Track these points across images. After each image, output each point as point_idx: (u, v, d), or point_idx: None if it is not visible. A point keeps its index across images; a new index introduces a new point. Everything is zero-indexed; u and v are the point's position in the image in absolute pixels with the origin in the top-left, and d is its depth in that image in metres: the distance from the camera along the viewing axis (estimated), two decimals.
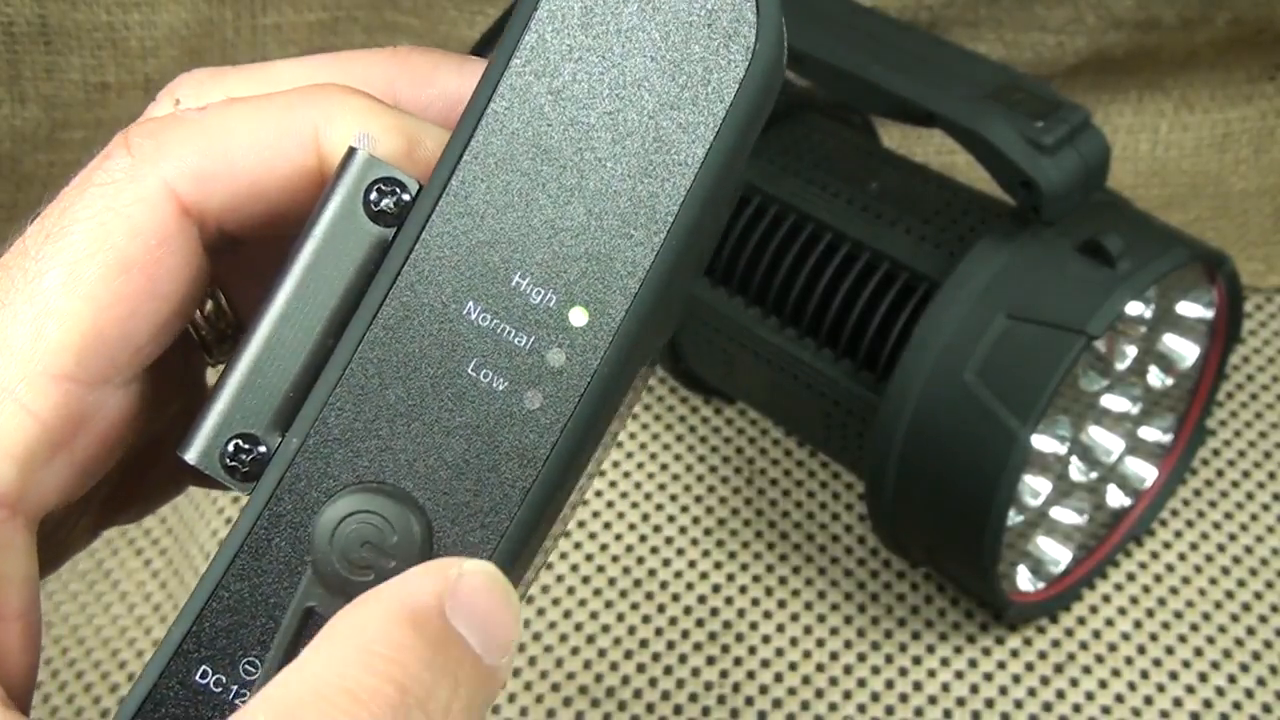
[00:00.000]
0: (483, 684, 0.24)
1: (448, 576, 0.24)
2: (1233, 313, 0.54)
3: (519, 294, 0.25)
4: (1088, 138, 0.48)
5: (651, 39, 0.25)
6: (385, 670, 0.22)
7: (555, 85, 0.25)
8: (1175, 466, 0.57)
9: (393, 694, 0.22)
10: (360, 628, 0.23)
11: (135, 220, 0.25)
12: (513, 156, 0.25)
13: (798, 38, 0.52)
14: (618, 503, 0.60)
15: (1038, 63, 0.69)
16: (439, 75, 0.28)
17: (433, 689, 0.22)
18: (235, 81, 0.27)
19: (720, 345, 0.57)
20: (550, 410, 0.25)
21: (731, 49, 0.25)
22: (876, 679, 0.54)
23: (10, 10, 0.59)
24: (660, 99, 0.25)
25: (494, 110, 0.25)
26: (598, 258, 0.25)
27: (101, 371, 0.25)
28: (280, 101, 0.26)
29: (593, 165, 0.25)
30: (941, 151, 0.70)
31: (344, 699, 0.22)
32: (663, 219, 0.25)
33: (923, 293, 0.51)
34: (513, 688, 0.54)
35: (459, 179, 0.25)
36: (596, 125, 0.25)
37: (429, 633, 0.23)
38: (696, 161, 0.25)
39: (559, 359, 0.25)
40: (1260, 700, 0.52)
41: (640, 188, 0.25)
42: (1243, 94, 0.71)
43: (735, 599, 0.56)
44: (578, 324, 0.25)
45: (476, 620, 0.24)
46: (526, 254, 0.25)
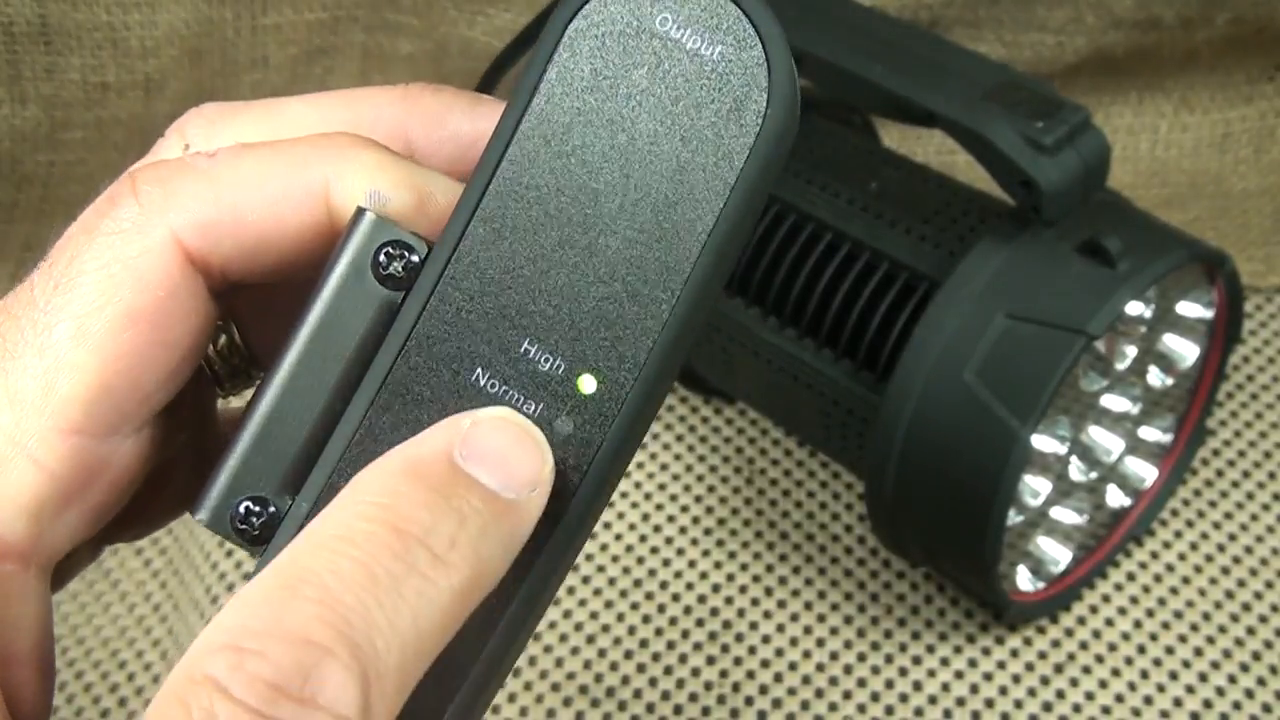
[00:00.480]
0: (501, 516, 0.23)
1: (459, 427, 0.24)
2: (1233, 313, 0.54)
3: (527, 360, 0.25)
4: (1088, 138, 0.48)
5: (662, 103, 0.25)
6: (378, 515, 0.22)
7: (565, 149, 0.25)
8: (1175, 466, 0.57)
9: (385, 534, 0.22)
10: (361, 486, 0.23)
11: (143, 272, 0.25)
12: (521, 221, 0.25)
13: (798, 38, 0.52)
14: (618, 503, 0.60)
15: (1038, 63, 0.69)
16: (451, 118, 0.28)
17: (433, 526, 0.22)
18: (245, 121, 0.27)
19: (720, 345, 0.57)
20: (559, 479, 0.25)
21: (744, 114, 0.25)
22: (876, 679, 0.54)
23: (10, 10, 0.59)
24: (671, 164, 0.25)
25: (503, 173, 0.25)
26: (607, 324, 0.25)
27: (111, 423, 0.25)
28: (291, 153, 0.26)
29: (603, 230, 0.25)
30: (941, 151, 0.70)
31: (337, 544, 0.22)
32: (674, 285, 0.25)
33: (923, 293, 0.51)
34: (513, 687, 0.54)
35: (467, 244, 0.25)
36: (606, 190, 0.25)
37: (430, 477, 0.23)
38: (707, 227, 0.25)
39: (567, 427, 0.25)
40: (1260, 700, 0.52)
41: (651, 253, 0.25)
42: (1243, 94, 0.71)
43: (735, 599, 0.56)
44: (587, 391, 0.25)
45: (490, 460, 0.24)
46: (535, 320, 0.25)
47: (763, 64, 0.25)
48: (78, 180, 0.65)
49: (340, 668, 0.20)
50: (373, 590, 0.21)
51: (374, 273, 0.25)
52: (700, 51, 0.25)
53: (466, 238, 0.25)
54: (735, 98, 0.25)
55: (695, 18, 0.25)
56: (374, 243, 0.25)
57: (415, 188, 0.26)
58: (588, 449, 0.25)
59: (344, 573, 0.21)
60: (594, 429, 0.25)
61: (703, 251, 0.25)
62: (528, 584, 0.25)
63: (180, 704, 0.20)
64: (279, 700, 0.20)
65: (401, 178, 0.26)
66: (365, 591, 0.21)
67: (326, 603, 0.21)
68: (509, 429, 0.24)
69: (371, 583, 0.21)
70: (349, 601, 0.21)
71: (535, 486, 0.24)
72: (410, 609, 0.21)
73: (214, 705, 0.20)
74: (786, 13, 0.56)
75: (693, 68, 0.25)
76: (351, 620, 0.21)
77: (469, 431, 0.24)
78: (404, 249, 0.25)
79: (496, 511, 0.23)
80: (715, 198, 0.25)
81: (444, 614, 0.22)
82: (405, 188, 0.26)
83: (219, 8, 0.62)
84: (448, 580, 0.22)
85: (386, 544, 0.22)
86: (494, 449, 0.24)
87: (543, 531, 0.25)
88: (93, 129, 0.63)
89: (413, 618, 0.21)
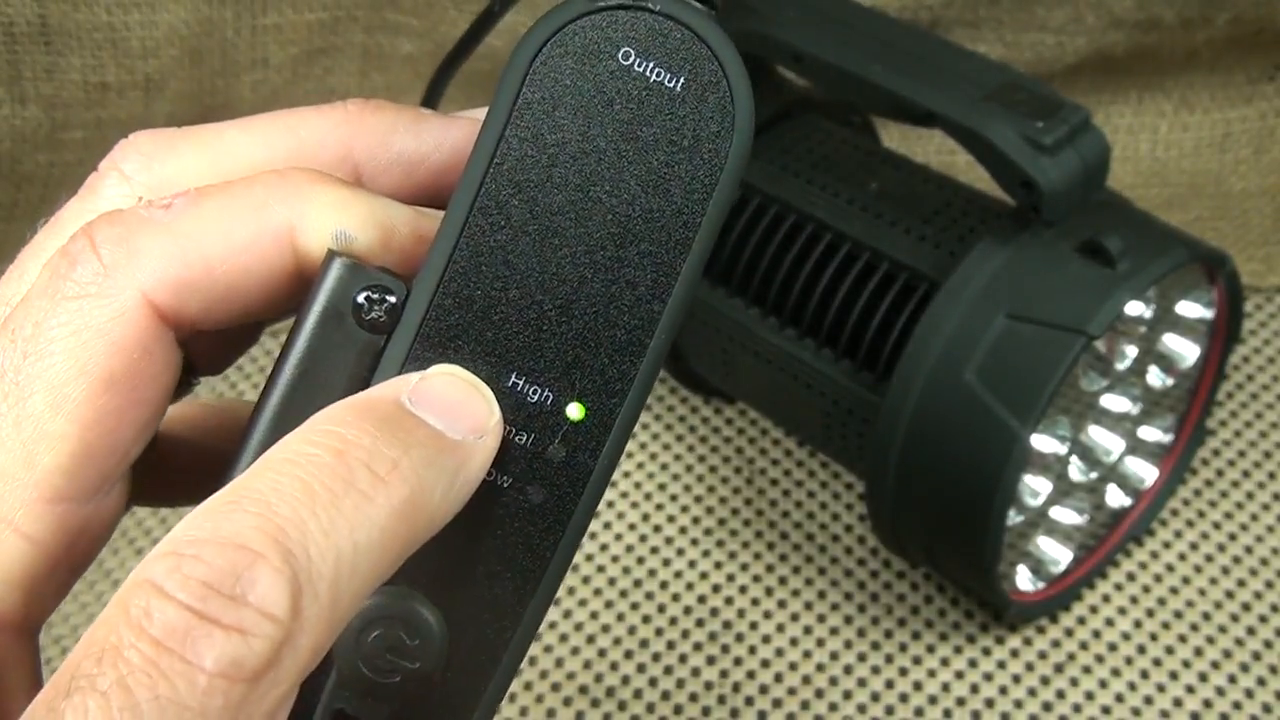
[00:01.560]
0: (446, 452, 0.24)
1: (409, 379, 0.25)
2: (1233, 313, 0.54)
3: (516, 393, 0.25)
4: (1088, 138, 0.48)
5: (630, 135, 0.25)
6: (323, 440, 0.23)
7: (537, 185, 0.25)
8: (1175, 466, 0.57)
9: (328, 457, 0.22)
10: (312, 421, 0.24)
11: (116, 337, 0.25)
12: (499, 257, 0.25)
13: (798, 38, 0.52)
14: (618, 503, 0.60)
15: (1038, 63, 0.69)
16: (395, 138, 0.28)
17: (376, 450, 0.23)
18: (184, 154, 0.27)
19: (720, 345, 0.57)
20: (554, 504, 0.26)
21: (711, 142, 0.25)
22: (876, 679, 0.54)
23: (10, 10, 0.59)
24: (643, 194, 0.25)
25: (479, 210, 0.25)
26: (592, 352, 0.26)
27: (93, 485, 0.25)
28: (249, 196, 0.26)
29: (579, 262, 0.25)
30: (941, 151, 0.70)
31: (282, 464, 0.22)
32: (654, 310, 0.25)
33: (923, 293, 0.51)
34: (513, 687, 0.54)
35: (448, 283, 0.25)
36: (580, 223, 0.25)
37: (378, 413, 0.24)
38: (683, 252, 0.25)
39: (560, 454, 0.26)
40: (1260, 700, 0.53)
41: (629, 281, 0.25)
42: (1243, 94, 0.71)
43: (735, 599, 0.56)
44: (575, 418, 0.26)
45: (438, 406, 0.24)
46: (520, 353, 0.25)
47: (726, 93, 0.25)
48: (78, 180, 0.64)
49: (271, 570, 0.21)
50: (310, 504, 0.22)
51: (355, 318, 0.25)
52: (664, 84, 0.25)
53: (446, 278, 0.25)
54: (702, 128, 0.25)
55: (657, 50, 0.25)
56: (351, 289, 0.25)
57: (380, 224, 0.26)
58: (581, 471, 0.26)
59: (284, 489, 0.22)
60: (585, 453, 0.26)
61: (680, 277, 0.25)
62: (538, 594, 0.26)
63: (120, 605, 0.21)
64: (210, 597, 0.21)
65: (365, 214, 0.26)
66: (302, 505, 0.22)
67: (264, 514, 0.21)
68: (457, 382, 0.25)
69: (309, 497, 0.22)
70: (285, 513, 0.22)
71: (482, 434, 0.25)
72: (348, 522, 0.22)
73: (150, 603, 0.21)
74: (787, 13, 0.57)
75: (657, 100, 0.25)
76: (286, 529, 0.21)
77: (419, 383, 0.25)
78: (383, 292, 0.25)
79: (441, 447, 0.24)
80: (689, 224, 0.25)
81: (382, 531, 0.22)
82: (370, 225, 0.26)
83: (219, 8, 0.62)
84: (386, 499, 0.23)
85: (328, 464, 0.22)
86: (441, 396, 0.25)
87: (547, 545, 0.26)
88: (93, 129, 0.63)
89: (349, 530, 0.22)
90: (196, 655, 0.20)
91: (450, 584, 0.26)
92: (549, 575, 0.26)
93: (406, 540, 0.23)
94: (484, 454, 0.25)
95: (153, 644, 0.20)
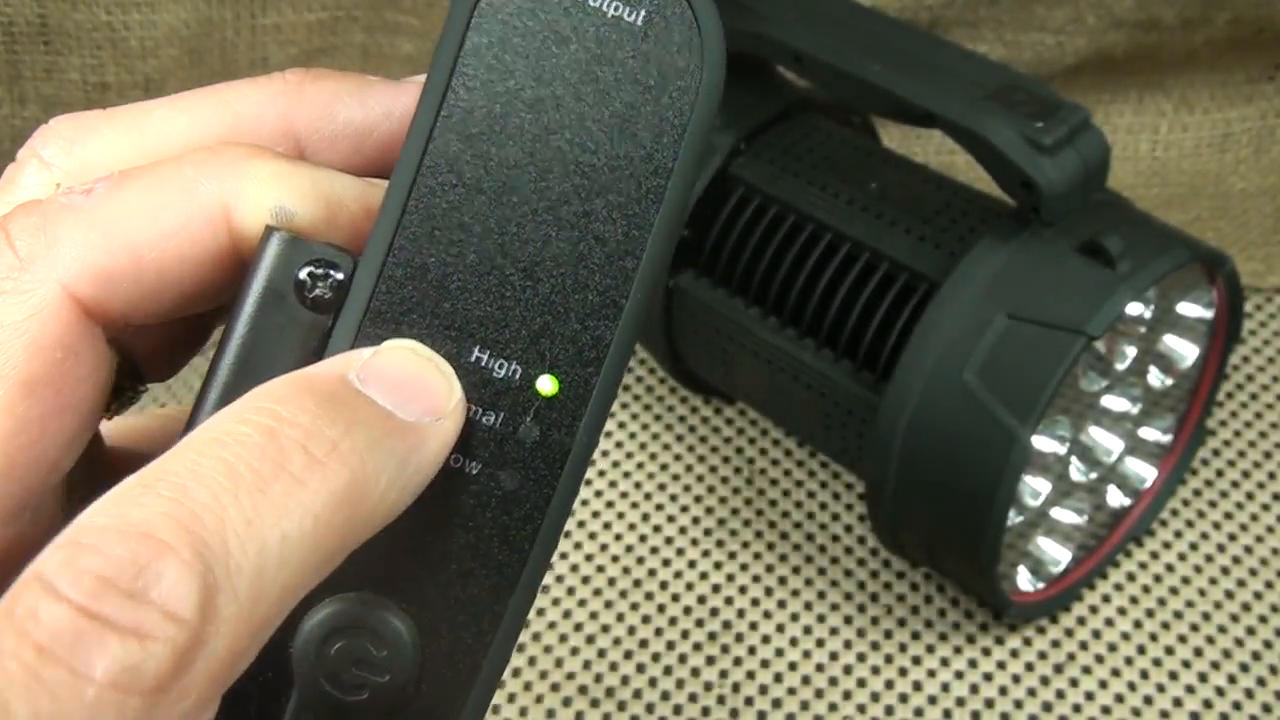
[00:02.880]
0: (394, 434, 0.22)
1: (360, 354, 0.23)
2: (1233, 313, 0.54)
3: (480, 369, 0.23)
4: (1088, 138, 0.48)
5: (590, 76, 0.23)
6: (255, 419, 0.20)
7: (491, 137, 0.23)
8: (1175, 466, 0.57)
9: (258, 436, 0.20)
10: (245, 397, 0.21)
11: (35, 336, 0.22)
12: (453, 220, 0.23)
13: (798, 38, 0.52)
14: (618, 503, 0.60)
15: (1038, 63, 0.69)
16: (340, 108, 0.25)
17: (314, 429, 0.20)
18: (108, 136, 0.25)
19: (720, 345, 0.57)
20: (530, 488, 0.23)
21: (678, 80, 0.23)
22: (876, 679, 0.54)
23: (10, 10, 0.59)
24: (607, 140, 0.23)
25: (426, 172, 0.23)
26: (560, 318, 0.23)
27: (21, 503, 0.23)
28: (177, 176, 0.23)
29: (542, 220, 0.23)
30: (941, 151, 0.70)
31: (205, 445, 0.20)
32: (627, 268, 0.23)
33: (923, 293, 0.51)
34: (513, 687, 0.54)
35: (397, 253, 0.23)
36: (541, 176, 0.23)
37: (321, 389, 0.21)
38: (656, 202, 0.23)
39: (532, 433, 0.23)
40: (1260, 700, 0.52)
41: (598, 238, 0.23)
42: (1243, 94, 0.71)
43: (735, 599, 0.56)
44: (548, 392, 0.23)
45: (388, 385, 0.22)
46: (482, 325, 0.23)
47: (691, 25, 0.23)
48: None
49: (179, 563, 0.18)
50: (232, 488, 0.19)
51: (298, 297, 0.23)
52: (624, 18, 0.23)
53: (395, 247, 0.23)
54: (668, 64, 0.23)
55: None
56: (293, 265, 0.23)
57: (324, 198, 0.24)
58: (557, 452, 0.23)
59: (204, 471, 0.20)
60: (561, 431, 0.23)
61: (654, 229, 0.23)
62: (518, 591, 0.23)
63: (5, 607, 0.18)
64: (106, 594, 0.18)
65: (307, 187, 0.24)
66: (223, 489, 0.19)
67: (177, 499, 0.19)
68: (413, 357, 0.23)
69: (232, 480, 0.19)
70: (202, 498, 0.19)
71: (439, 415, 0.22)
72: (275, 510, 0.20)
73: (38, 604, 0.18)
74: (787, 13, 0.57)
75: (617, 36, 0.23)
76: (202, 517, 0.19)
77: (370, 359, 0.22)
78: (327, 266, 0.23)
79: (390, 429, 0.22)
80: (660, 171, 0.23)
81: (316, 521, 0.20)
82: (313, 199, 0.24)
83: (219, 8, 0.62)
84: (323, 483, 0.20)
85: (258, 444, 0.20)
86: (393, 373, 0.22)
87: (525, 536, 0.23)
88: None
89: (277, 519, 0.20)
90: (85, 664, 0.18)
91: (419, 586, 0.23)
92: (529, 570, 0.23)
93: (347, 532, 0.21)
94: (441, 438, 0.22)
95: (36, 651, 0.18)
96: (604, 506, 0.60)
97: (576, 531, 0.59)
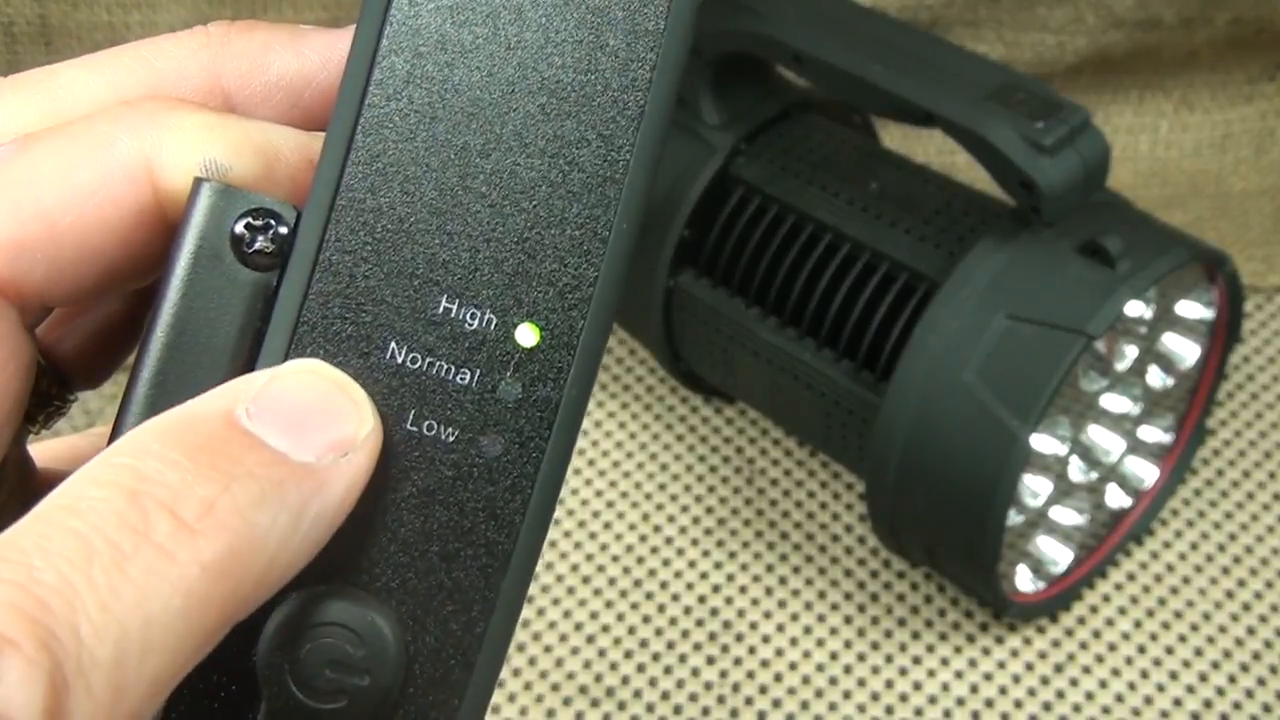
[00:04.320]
0: (289, 482, 0.18)
1: (252, 383, 0.19)
2: (1233, 313, 0.54)
3: (450, 321, 0.20)
4: (1088, 138, 0.48)
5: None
6: (114, 477, 0.18)
7: (441, 60, 0.20)
8: (1175, 466, 0.57)
9: (118, 500, 0.17)
10: (108, 450, 0.18)
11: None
12: (407, 156, 0.20)
13: (798, 38, 0.52)
14: (618, 503, 0.60)
15: (1038, 63, 0.69)
16: (272, 59, 0.23)
17: (182, 489, 0.18)
18: (14, 102, 0.22)
19: (720, 345, 0.57)
20: (517, 454, 0.21)
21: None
22: (876, 679, 0.54)
23: (10, 10, 0.59)
24: (572, 55, 0.20)
25: (373, 102, 0.20)
26: (537, 258, 0.20)
27: None
28: (92, 133, 0.21)
29: (507, 148, 0.20)
30: (941, 151, 0.70)
31: (58, 514, 0.17)
32: (609, 197, 0.20)
33: (923, 293, 0.51)
34: (513, 687, 0.54)
35: (346, 196, 0.20)
36: (501, 101, 0.20)
37: (192, 438, 0.18)
38: (633, 123, 0.20)
39: (514, 390, 0.21)
40: (1260, 700, 0.53)
41: (572, 166, 0.20)
42: (1243, 94, 0.71)
43: (735, 599, 0.56)
44: (528, 344, 0.20)
45: (283, 417, 0.19)
46: (449, 271, 0.20)
47: None
48: None
49: (22, 661, 0.16)
50: (85, 567, 0.17)
51: (235, 253, 0.20)
52: None
53: (344, 187, 0.20)
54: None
55: None
56: (227, 216, 0.20)
57: (258, 147, 0.21)
58: (545, 408, 0.21)
59: (53, 546, 0.17)
60: (547, 386, 0.21)
61: (635, 151, 0.20)
62: (511, 571, 0.21)
63: None
64: None
65: (238, 137, 0.21)
66: (75, 569, 0.16)
67: (21, 583, 0.16)
68: (315, 382, 0.20)
69: (85, 558, 0.17)
70: (50, 581, 0.16)
71: (345, 450, 0.19)
72: (137, 590, 0.17)
73: None
74: (787, 13, 0.57)
75: None
76: (50, 603, 0.16)
77: (263, 388, 0.19)
78: (267, 217, 0.20)
79: (281, 476, 0.18)
80: (636, 84, 0.20)
81: (188, 597, 0.17)
82: (246, 150, 0.21)
83: (219, 8, 0.62)
84: (194, 554, 0.17)
85: (116, 511, 0.17)
86: (289, 405, 0.19)
87: (515, 507, 0.21)
88: None
89: (139, 600, 0.17)
90: None
91: (397, 573, 0.21)
92: (522, 547, 0.21)
93: (229, 605, 0.18)
94: (348, 478, 0.19)
95: None
96: (604, 506, 0.60)
97: (576, 531, 0.59)
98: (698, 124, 0.56)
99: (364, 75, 0.20)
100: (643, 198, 0.21)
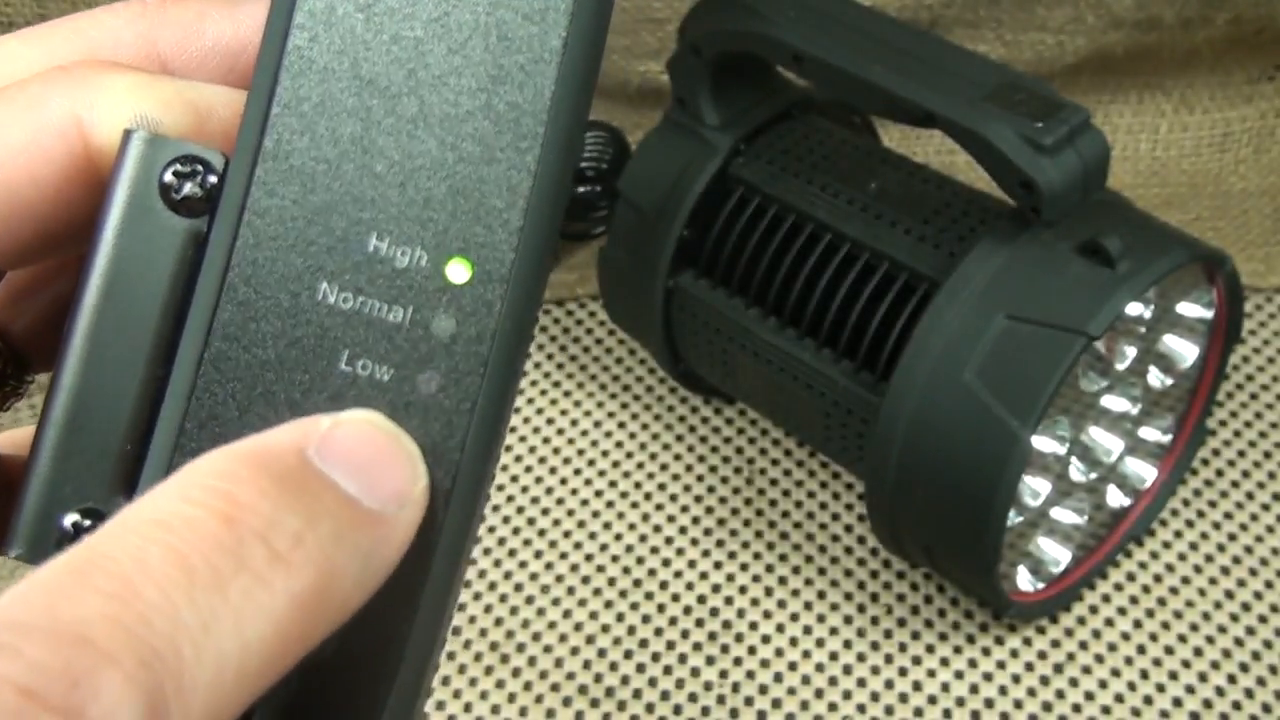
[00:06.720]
0: (361, 526, 0.19)
1: (316, 425, 0.19)
2: (1233, 313, 0.54)
3: (380, 260, 0.20)
4: (1088, 138, 0.48)
5: None
6: (206, 500, 0.17)
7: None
8: (1175, 466, 0.57)
9: (213, 524, 0.17)
10: (193, 468, 0.18)
11: None
12: (331, 96, 0.21)
13: (798, 38, 0.52)
14: (618, 503, 0.60)
15: (1038, 63, 0.69)
16: (207, 25, 0.23)
17: (275, 519, 0.18)
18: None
19: (720, 345, 0.57)
20: (453, 390, 0.20)
21: None
22: (876, 679, 0.54)
23: (10, 10, 0.59)
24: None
25: (296, 45, 0.21)
26: (463, 193, 0.20)
27: None
28: (22, 94, 0.21)
29: (431, 85, 0.21)
30: (941, 151, 0.70)
31: (150, 528, 0.17)
32: (531, 128, 0.20)
33: (923, 293, 0.51)
34: (513, 687, 0.54)
35: (273, 138, 0.21)
36: (425, 35, 0.21)
37: (277, 469, 0.18)
38: (555, 50, 0.20)
39: (448, 326, 0.21)
40: (1260, 700, 0.53)
41: (495, 97, 0.20)
42: (1243, 94, 0.71)
43: (735, 599, 0.56)
44: (459, 280, 0.21)
45: (352, 466, 0.19)
46: (377, 210, 0.21)
47: None
48: None
49: (122, 678, 0.15)
50: (187, 586, 0.16)
51: (165, 200, 0.21)
52: None
53: (270, 131, 0.20)
54: None
55: None
56: (155, 164, 0.21)
57: (189, 102, 0.21)
58: (480, 341, 0.21)
59: (152, 562, 0.16)
60: (481, 321, 0.21)
61: (558, 81, 0.20)
62: (451, 513, 0.21)
63: None
64: (29, 709, 0.15)
65: (168, 94, 0.21)
66: (176, 587, 0.16)
67: (121, 596, 0.16)
68: (376, 436, 0.20)
69: (186, 576, 0.16)
70: (151, 596, 0.16)
71: (404, 504, 0.19)
72: (234, 613, 0.17)
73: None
74: (787, 13, 0.56)
75: None
76: (152, 620, 0.16)
77: (328, 431, 0.19)
78: (195, 163, 0.21)
79: (355, 519, 0.19)
80: (558, 10, 0.20)
81: (278, 626, 0.17)
82: (178, 106, 0.21)
83: None
84: (286, 583, 0.17)
85: (213, 533, 0.17)
86: (355, 452, 0.19)
87: (454, 444, 0.21)
88: None
89: (236, 625, 0.17)
90: None
91: None
92: (460, 492, 0.20)
93: (304, 640, 0.18)
94: (404, 531, 0.19)
95: None
96: (604, 506, 0.60)
97: (577, 531, 0.59)
98: (697, 124, 0.56)
99: (285, 19, 0.21)
100: (571, 131, 0.21)
